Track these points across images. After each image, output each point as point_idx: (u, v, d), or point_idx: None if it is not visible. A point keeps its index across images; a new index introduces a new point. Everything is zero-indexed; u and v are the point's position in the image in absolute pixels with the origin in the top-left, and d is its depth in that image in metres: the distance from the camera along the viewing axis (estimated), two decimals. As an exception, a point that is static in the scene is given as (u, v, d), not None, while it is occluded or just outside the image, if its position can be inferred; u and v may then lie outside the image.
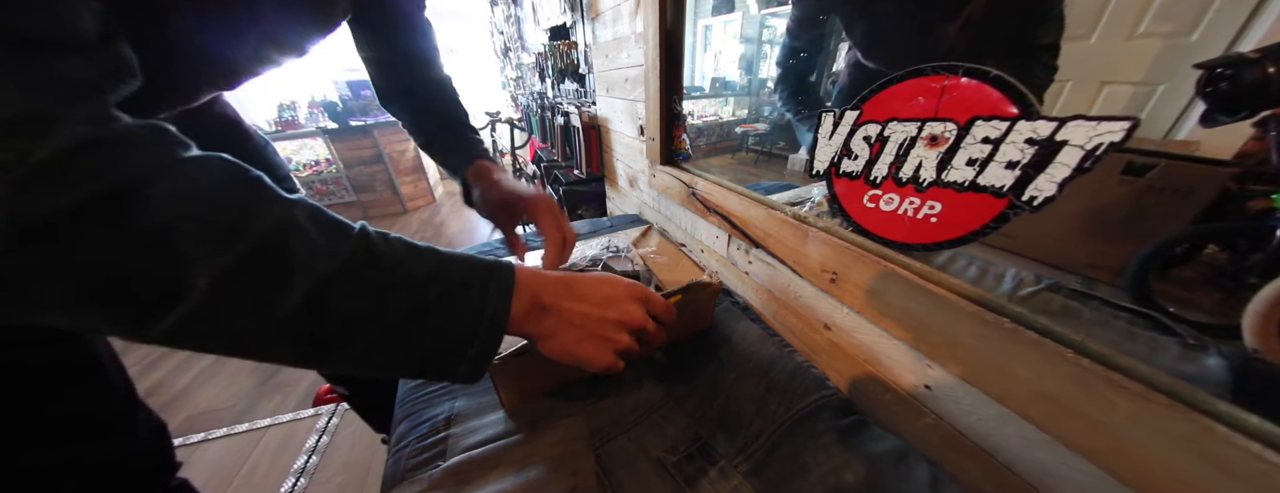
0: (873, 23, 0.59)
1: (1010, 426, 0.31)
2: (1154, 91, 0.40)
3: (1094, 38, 0.42)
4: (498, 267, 0.27)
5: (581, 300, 0.29)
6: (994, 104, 0.28)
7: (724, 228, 0.61)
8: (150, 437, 0.45)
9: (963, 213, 0.31)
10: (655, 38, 0.68)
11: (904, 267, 0.36)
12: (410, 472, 0.37)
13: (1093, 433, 0.26)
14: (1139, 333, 0.62)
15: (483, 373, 0.26)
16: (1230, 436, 0.21)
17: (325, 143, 2.86)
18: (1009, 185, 0.28)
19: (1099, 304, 0.64)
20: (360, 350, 0.23)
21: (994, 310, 0.30)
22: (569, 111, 1.29)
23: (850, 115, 0.37)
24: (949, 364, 0.33)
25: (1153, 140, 0.46)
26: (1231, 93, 0.29)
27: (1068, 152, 0.25)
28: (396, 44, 0.55)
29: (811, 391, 0.43)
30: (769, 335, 0.52)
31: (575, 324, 0.29)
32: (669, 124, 0.73)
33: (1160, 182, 0.41)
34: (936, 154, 0.32)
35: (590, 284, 0.30)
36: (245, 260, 0.19)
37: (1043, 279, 0.69)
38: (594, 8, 0.98)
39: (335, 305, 0.21)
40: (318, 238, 0.22)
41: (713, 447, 0.39)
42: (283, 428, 1.13)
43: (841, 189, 0.40)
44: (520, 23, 2.19)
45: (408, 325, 0.23)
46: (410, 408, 0.45)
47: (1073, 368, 0.26)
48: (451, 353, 0.25)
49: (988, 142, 0.28)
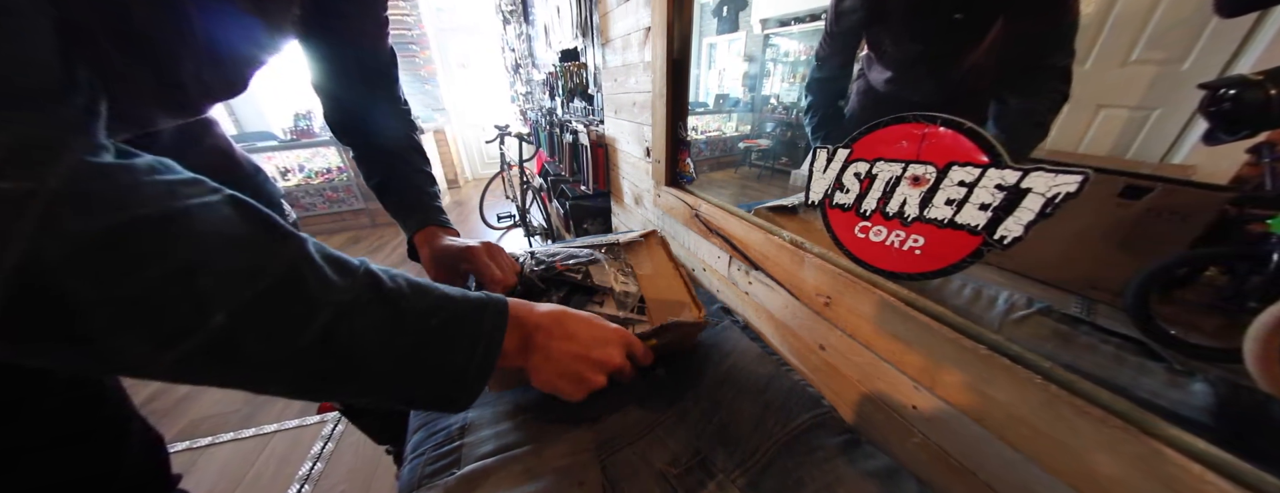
0: (900, 48, 0.60)
1: (990, 446, 0.33)
2: (1149, 116, 0.41)
3: (1088, 64, 0.43)
4: (493, 301, 0.29)
5: (570, 340, 0.32)
6: (968, 152, 0.31)
7: (725, 249, 0.64)
8: (145, 450, 0.44)
9: (943, 247, 0.34)
10: (663, 67, 0.72)
11: (892, 294, 0.39)
12: (427, 479, 0.39)
13: (1061, 454, 0.28)
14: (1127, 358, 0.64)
15: (473, 400, 0.27)
16: (1179, 459, 0.23)
17: (338, 152, 2.93)
18: (982, 225, 0.31)
19: (1089, 329, 0.66)
20: (365, 380, 0.24)
21: (972, 337, 0.33)
22: (577, 129, 1.34)
23: (842, 153, 0.41)
24: (933, 387, 0.36)
25: (1149, 164, 0.47)
26: (1233, 113, 0.30)
27: (1031, 198, 0.28)
28: (348, 73, 0.51)
29: (807, 408, 0.45)
30: (768, 354, 0.55)
31: (561, 363, 0.32)
32: (674, 148, 0.77)
33: (1157, 205, 0.42)
34: (919, 193, 0.35)
35: (581, 325, 0.33)
36: (263, 296, 0.20)
37: (1035, 303, 0.71)
38: (605, 34, 1.04)
39: (347, 337, 0.22)
40: (330, 273, 0.23)
41: (712, 461, 0.41)
42: (289, 434, 1.15)
43: (835, 219, 0.43)
44: (531, 40, 2.28)
45: (412, 356, 0.25)
46: (425, 417, 0.47)
47: (1042, 393, 0.28)
48: (449, 381, 0.26)
49: (963, 185, 0.31)
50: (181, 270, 0.18)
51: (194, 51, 0.32)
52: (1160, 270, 0.60)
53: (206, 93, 0.38)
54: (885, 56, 0.65)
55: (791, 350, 0.55)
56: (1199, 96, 0.32)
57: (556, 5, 1.34)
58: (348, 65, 0.51)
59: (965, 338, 0.33)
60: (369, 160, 0.56)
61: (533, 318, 0.31)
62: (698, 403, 0.48)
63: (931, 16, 0.57)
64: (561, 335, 0.32)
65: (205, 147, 0.52)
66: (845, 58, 0.70)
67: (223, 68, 0.36)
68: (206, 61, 0.34)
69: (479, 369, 0.27)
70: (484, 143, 2.89)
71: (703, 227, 0.69)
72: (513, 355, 0.30)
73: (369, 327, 0.23)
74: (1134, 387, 0.59)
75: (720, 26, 1.64)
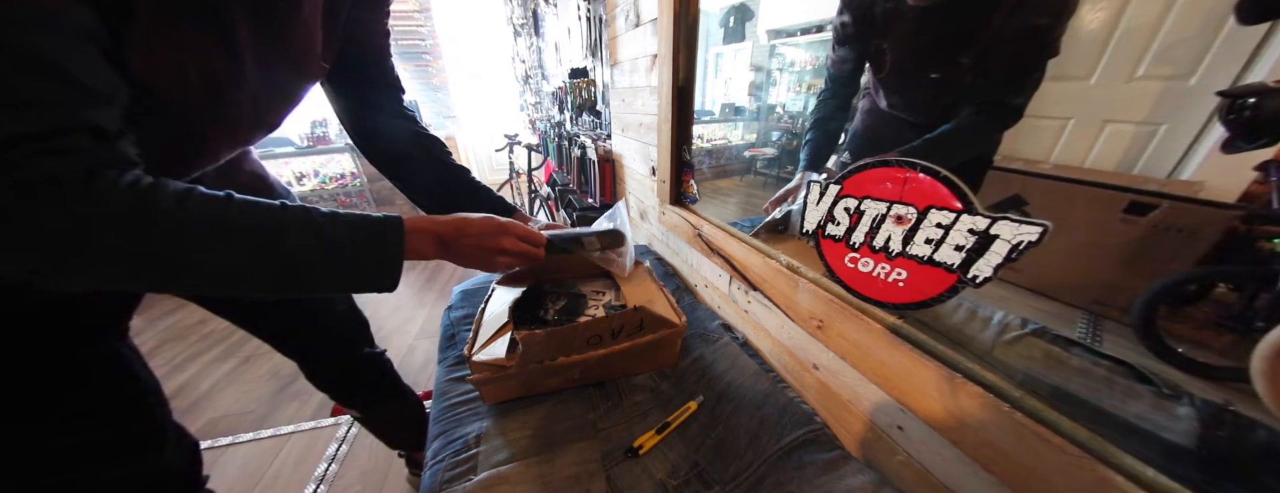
0: (896, 73, 0.67)
1: (966, 467, 0.36)
2: (1156, 131, 0.40)
3: (1094, 79, 0.43)
4: (391, 218, 0.38)
5: (466, 236, 0.43)
6: (944, 198, 0.34)
7: (726, 269, 0.67)
8: (183, 455, 0.51)
9: (924, 281, 0.37)
10: (669, 94, 0.76)
11: (878, 321, 0.42)
12: (447, 483, 0.43)
13: (1028, 478, 0.31)
14: (1117, 381, 0.66)
15: (396, 284, 0.38)
16: (1127, 486, 0.26)
17: (352, 158, 3.02)
18: (957, 264, 0.34)
19: (1082, 351, 0.68)
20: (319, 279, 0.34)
21: (950, 365, 0.36)
22: (585, 144, 1.39)
23: (833, 188, 0.44)
24: (915, 410, 0.39)
25: (1156, 179, 0.46)
26: (1253, 121, 0.29)
27: (999, 243, 0.31)
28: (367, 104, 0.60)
29: (800, 425, 0.48)
30: (764, 371, 0.58)
31: (467, 253, 0.43)
32: (678, 170, 0.81)
33: (1163, 222, 0.41)
34: (902, 231, 0.38)
35: (475, 223, 0.44)
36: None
37: (1029, 323, 0.73)
38: (613, 56, 1.08)
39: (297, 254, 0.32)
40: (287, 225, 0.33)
41: (709, 474, 0.44)
42: (305, 436, 1.19)
43: (826, 248, 0.46)
44: (541, 52, 2.34)
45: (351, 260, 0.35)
46: (444, 426, 0.51)
47: (1009, 420, 0.31)
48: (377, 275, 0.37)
49: (940, 227, 0.35)
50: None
51: (250, 112, 0.41)
52: (1165, 288, 0.61)
53: (253, 136, 0.47)
54: (881, 89, 0.72)
55: (787, 368, 0.58)
56: (1211, 108, 0.32)
57: (567, 26, 1.39)
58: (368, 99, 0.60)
59: (944, 366, 0.36)
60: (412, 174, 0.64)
61: (438, 228, 0.42)
62: (697, 418, 0.51)
63: (913, 74, 0.64)
64: (461, 235, 0.43)
65: (245, 171, 0.59)
66: (842, 101, 0.77)
67: (268, 115, 0.45)
68: (257, 113, 0.42)
69: (389, 264, 0.38)
70: (494, 151, 2.95)
71: (705, 246, 0.72)
72: (431, 253, 0.41)
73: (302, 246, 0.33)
74: (1122, 410, 0.61)
75: (727, 37, 1.67)
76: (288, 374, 1.49)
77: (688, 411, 0.52)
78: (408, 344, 1.66)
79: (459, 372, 0.60)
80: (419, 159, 0.62)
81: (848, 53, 0.75)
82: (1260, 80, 0.30)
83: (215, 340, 1.72)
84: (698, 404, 0.53)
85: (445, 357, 0.64)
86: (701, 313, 0.73)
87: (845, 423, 0.48)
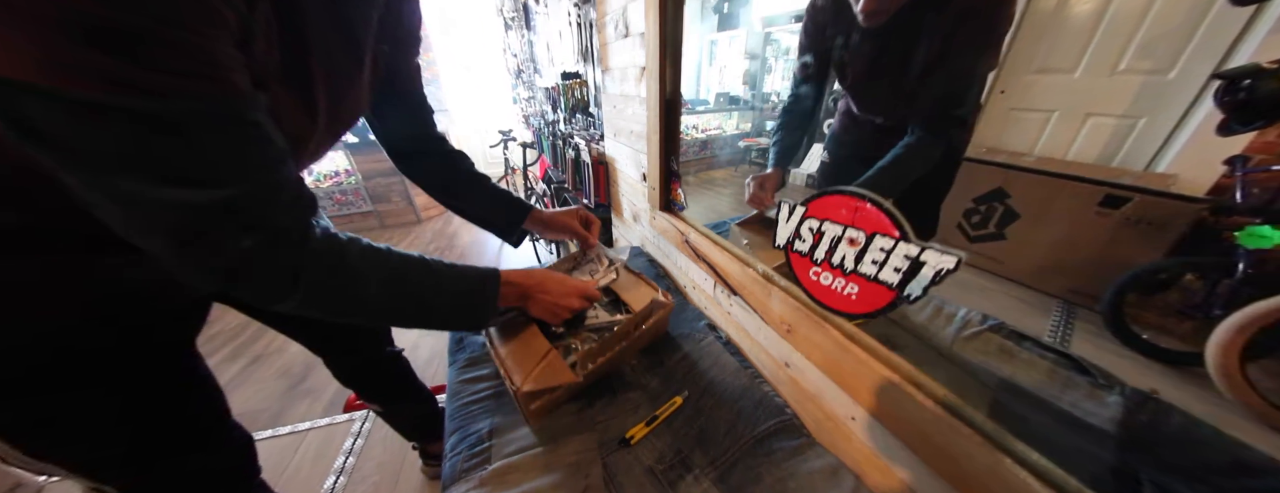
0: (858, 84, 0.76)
1: (904, 453, 0.43)
2: (1135, 125, 0.42)
3: (1078, 72, 0.44)
4: (491, 273, 0.49)
5: (546, 293, 0.54)
6: (886, 227, 0.40)
7: (710, 275, 0.73)
8: (238, 450, 0.59)
9: (871, 296, 0.43)
10: (657, 106, 0.80)
11: (837, 327, 0.48)
12: (465, 472, 0.49)
13: (944, 461, 0.37)
14: (1058, 372, 0.74)
15: (486, 325, 0.53)
16: (1012, 467, 0.33)
17: (346, 155, 3.01)
18: (895, 284, 0.40)
19: (1032, 345, 0.75)
20: (428, 315, 0.45)
21: (892, 368, 0.42)
22: (579, 145, 1.42)
23: (799, 209, 0.49)
24: (865, 404, 0.45)
25: (1132, 172, 0.49)
26: (1248, 102, 0.29)
27: (926, 269, 0.37)
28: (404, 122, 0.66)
29: (772, 416, 0.55)
30: (744, 368, 0.64)
31: (543, 306, 0.54)
32: (667, 179, 0.86)
33: (1135, 214, 0.48)
34: (854, 251, 0.43)
35: (555, 283, 0.55)
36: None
37: (988, 319, 0.80)
38: (604, 63, 1.11)
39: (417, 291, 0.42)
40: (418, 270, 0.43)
41: (690, 459, 0.51)
42: (322, 431, 1.27)
43: (794, 261, 0.52)
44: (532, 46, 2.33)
45: (453, 303, 0.46)
46: (459, 422, 0.57)
47: (933, 414, 0.38)
48: (473, 317, 0.49)
49: (883, 251, 0.40)
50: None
51: (308, 161, 0.47)
52: (1133, 278, 0.66)
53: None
54: (849, 96, 0.82)
55: (763, 365, 0.64)
56: (1188, 102, 0.33)
57: (558, 29, 1.40)
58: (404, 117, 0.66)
59: (886, 368, 0.42)
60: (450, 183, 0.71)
61: (525, 281, 0.53)
62: (682, 411, 0.58)
63: (872, 83, 0.72)
64: (541, 290, 0.54)
65: None
66: (805, 109, 0.86)
67: (320, 156, 0.51)
68: (314, 158, 0.49)
69: (487, 310, 0.49)
70: (488, 147, 2.95)
71: (692, 252, 0.77)
72: (513, 301, 0.52)
73: (426, 287, 0.43)
74: (1059, 399, 0.68)
75: (722, 23, 1.68)
76: (298, 373, 1.55)
77: (674, 405, 0.58)
78: (413, 341, 1.72)
79: (470, 373, 0.66)
80: (463, 183, 0.71)
81: (810, 60, 0.82)
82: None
83: (224, 340, 1.77)
84: (683, 399, 0.59)
85: (456, 360, 0.70)
86: (689, 313, 0.79)
87: (810, 414, 0.55)
